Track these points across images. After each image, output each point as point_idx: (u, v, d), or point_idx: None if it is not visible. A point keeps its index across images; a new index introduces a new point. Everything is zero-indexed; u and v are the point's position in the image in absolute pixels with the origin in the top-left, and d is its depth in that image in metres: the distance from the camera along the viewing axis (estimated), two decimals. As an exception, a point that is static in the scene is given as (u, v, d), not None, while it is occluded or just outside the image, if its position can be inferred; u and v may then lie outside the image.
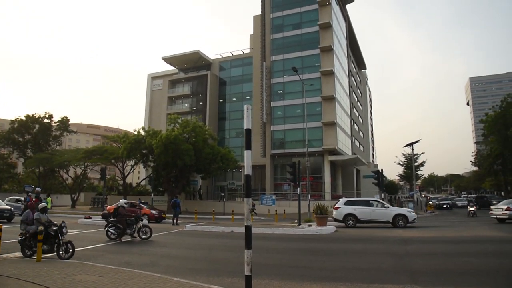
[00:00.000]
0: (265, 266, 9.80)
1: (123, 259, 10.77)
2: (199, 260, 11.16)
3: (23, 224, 11.42)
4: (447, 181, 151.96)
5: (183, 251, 13.14)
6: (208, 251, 13.12)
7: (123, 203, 16.38)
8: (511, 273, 8.66)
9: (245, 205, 5.47)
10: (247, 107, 5.54)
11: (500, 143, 57.39)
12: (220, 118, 58.12)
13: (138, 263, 10.25)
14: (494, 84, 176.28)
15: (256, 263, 9.86)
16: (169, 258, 11.41)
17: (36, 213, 11.24)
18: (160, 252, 12.61)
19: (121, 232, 15.34)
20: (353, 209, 22.29)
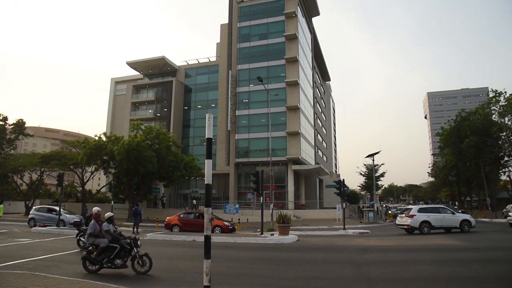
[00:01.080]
0: (227, 276, 9.72)
1: (79, 269, 10.33)
2: (159, 270, 10.86)
3: (91, 237, 10.29)
4: (406, 191, 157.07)
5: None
6: (169, 260, 12.85)
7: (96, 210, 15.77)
8: (462, 280, 9.01)
9: (205, 214, 5.41)
10: (208, 115, 5.52)
11: (454, 156, 60.13)
12: (185, 125, 57.57)
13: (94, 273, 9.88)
14: (449, 99, 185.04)
15: (217, 272, 9.77)
16: (128, 268, 11.06)
17: (105, 224, 10.35)
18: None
19: None
20: (427, 217, 22.92)
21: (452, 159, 62.22)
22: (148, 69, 59.99)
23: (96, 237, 10.17)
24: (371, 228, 29.09)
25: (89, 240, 10.26)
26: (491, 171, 56.02)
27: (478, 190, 67.21)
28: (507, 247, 15.48)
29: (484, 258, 12.48)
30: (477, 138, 51.93)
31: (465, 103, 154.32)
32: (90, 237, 10.27)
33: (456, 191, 74.70)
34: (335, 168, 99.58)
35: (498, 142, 53.43)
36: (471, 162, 56.49)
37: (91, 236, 10.25)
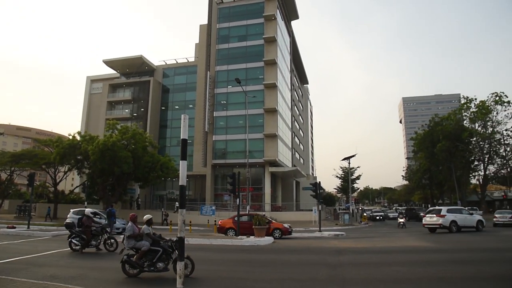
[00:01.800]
0: (202, 278, 9.65)
1: (49, 272, 10.08)
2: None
3: (130, 240, 9.95)
4: (381, 194, 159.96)
5: (115, 262, 12.51)
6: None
7: (89, 213, 15.36)
8: (432, 280, 9.24)
9: (179, 216, 5.37)
10: (184, 116, 5.49)
11: (427, 159, 61.62)
12: (162, 125, 57.02)
13: (64, 276, 9.64)
14: (424, 104, 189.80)
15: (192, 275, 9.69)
16: (99, 270, 10.87)
17: (145, 227, 9.98)
18: (91, 264, 11.97)
19: (85, 243, 14.45)
20: (454, 217, 24.33)
21: (425, 163, 63.74)
22: (125, 68, 59.15)
23: (136, 241, 9.90)
24: (347, 230, 29.48)
25: (129, 244, 9.93)
26: (462, 174, 57.66)
27: (449, 193, 69.02)
28: (473, 248, 15.94)
29: (453, 259, 12.83)
30: (449, 143, 53.36)
31: (438, 108, 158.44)
32: (129, 240, 9.96)
33: (429, 194, 76.54)
34: (312, 171, 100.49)
35: (469, 147, 55.11)
36: (443, 166, 57.98)
37: (130, 239, 9.95)
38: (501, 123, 52.60)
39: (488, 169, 55.27)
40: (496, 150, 54.21)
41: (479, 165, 57.29)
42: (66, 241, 15.35)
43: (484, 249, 15.76)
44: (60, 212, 42.68)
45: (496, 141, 53.36)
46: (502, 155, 54.20)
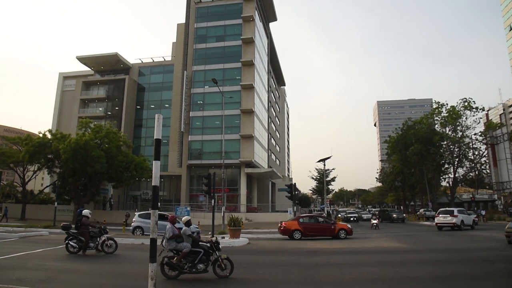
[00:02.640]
0: (173, 280, 9.53)
1: (15, 275, 9.72)
2: (103, 275, 10.50)
3: (171, 241, 9.77)
4: (355, 196, 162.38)
5: (86, 265, 12.24)
6: (115, 264, 12.40)
7: (88, 213, 14.76)
8: (403, 281, 9.45)
9: (151, 217, 5.27)
10: (158, 116, 5.41)
11: (400, 162, 62.98)
12: (137, 125, 56.13)
13: (32, 279, 9.31)
14: (397, 108, 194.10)
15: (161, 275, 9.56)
16: (69, 273, 10.57)
17: (186, 228, 9.87)
18: (60, 267, 11.61)
19: (83, 245, 14.00)
20: (462, 216, 28.84)
21: (398, 165, 65.11)
22: (99, 65, 57.95)
23: (177, 242, 9.76)
24: (321, 231, 29.65)
25: (171, 245, 9.77)
26: (433, 177, 59.21)
27: (421, 195, 70.72)
28: (442, 249, 16.39)
29: (423, 260, 13.16)
30: (421, 146, 54.69)
31: (411, 112, 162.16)
32: (170, 242, 9.79)
33: (401, 195, 78.25)
34: (287, 172, 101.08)
35: (440, 151, 56.61)
36: (416, 168, 59.37)
37: (172, 240, 9.78)
38: (470, 128, 54.28)
39: (457, 172, 56.88)
40: (465, 153, 55.87)
41: (449, 168, 58.90)
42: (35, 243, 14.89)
43: (451, 249, 16.23)
44: (29, 212, 41.39)
45: (465, 145, 55.00)
46: (470, 159, 55.92)
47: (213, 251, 9.77)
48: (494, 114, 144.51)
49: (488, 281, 9.44)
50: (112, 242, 14.70)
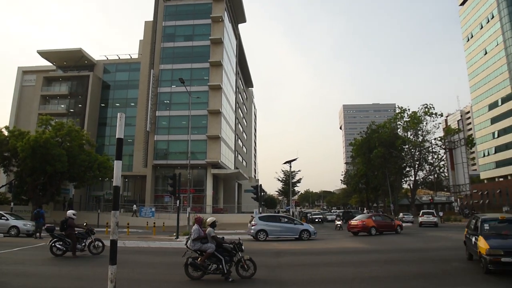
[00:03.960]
0: (137, 282, 9.41)
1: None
2: (62, 278, 10.14)
3: (196, 242, 9.73)
4: (321, 197, 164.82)
5: (45, 268, 11.79)
6: (75, 267, 11.99)
7: (72, 214, 14.20)
8: (364, 280, 9.71)
9: (111, 218, 5.15)
10: (120, 115, 5.31)
11: (364, 165, 64.60)
12: (101, 123, 54.60)
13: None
14: (362, 112, 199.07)
15: (127, 278, 9.41)
16: (25, 277, 10.12)
17: (210, 229, 9.79)
18: (15, 270, 11.09)
19: (72, 246, 13.52)
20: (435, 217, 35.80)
21: (362, 168, 66.74)
22: (62, 60, 55.97)
23: (202, 243, 9.74)
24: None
25: (196, 246, 9.76)
26: (395, 180, 61.14)
27: (383, 197, 72.79)
28: (402, 249, 16.93)
29: (383, 260, 13.55)
30: (384, 150, 56.36)
31: (375, 116, 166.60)
32: (196, 243, 9.76)
33: (365, 197, 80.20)
34: (254, 173, 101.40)
35: (402, 154, 58.53)
36: (379, 171, 61.08)
37: (197, 241, 9.76)
38: (430, 133, 56.54)
39: (418, 175, 59.00)
40: (425, 157, 58.07)
41: (410, 171, 61.01)
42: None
43: (412, 249, 16.78)
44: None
45: (425, 149, 57.15)
46: (430, 162, 58.18)
47: (236, 252, 9.81)
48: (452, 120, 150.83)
49: (444, 279, 9.83)
50: (99, 243, 14.44)
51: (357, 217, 29.31)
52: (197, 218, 10.60)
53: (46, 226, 14.78)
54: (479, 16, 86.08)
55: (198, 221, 10.32)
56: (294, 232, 23.01)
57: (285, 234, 22.98)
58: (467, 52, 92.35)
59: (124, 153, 51.22)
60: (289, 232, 23.04)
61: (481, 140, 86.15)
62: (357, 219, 27.17)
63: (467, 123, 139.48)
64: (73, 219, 14.14)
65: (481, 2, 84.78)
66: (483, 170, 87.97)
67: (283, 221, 23.90)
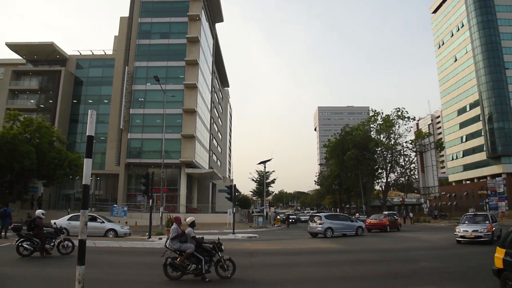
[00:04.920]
0: (107, 283, 9.27)
1: None
2: (27, 279, 9.86)
3: (175, 242, 9.61)
4: (295, 198, 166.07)
5: (10, 269, 11.37)
6: (42, 268, 11.67)
7: (40, 214, 13.73)
8: (334, 280, 9.87)
9: (80, 217, 5.03)
10: (91, 112, 5.20)
11: (338, 166, 65.58)
12: (73, 120, 53.20)
13: None
14: (337, 114, 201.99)
15: (96, 279, 9.25)
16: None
17: (190, 229, 9.78)
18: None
19: (41, 246, 13.10)
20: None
21: (336, 169, 67.71)
22: (33, 54, 54.20)
23: (182, 242, 9.64)
24: (260, 233, 30.13)
25: (175, 246, 9.63)
26: (368, 181, 62.31)
27: (356, 198, 74.06)
28: (372, 249, 17.29)
29: (354, 259, 13.80)
30: (358, 152, 57.35)
31: (350, 119, 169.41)
32: (174, 242, 9.64)
33: (338, 198, 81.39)
34: (228, 173, 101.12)
35: (374, 156, 59.69)
36: (352, 172, 62.12)
37: (175, 240, 9.65)
38: (402, 136, 57.92)
39: (389, 177, 60.34)
40: (397, 160, 59.42)
41: (382, 173, 62.33)
42: None
43: (381, 250, 17.15)
44: None
45: (397, 152, 58.48)
46: (401, 165, 59.56)
47: (216, 252, 9.78)
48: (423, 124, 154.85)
49: (411, 279, 10.10)
50: (69, 243, 14.13)
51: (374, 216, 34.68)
52: (176, 217, 10.62)
53: (12, 226, 14.30)
54: (450, 24, 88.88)
55: (177, 220, 10.39)
56: (352, 228, 26.08)
57: (346, 231, 25.70)
58: (438, 58, 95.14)
59: (97, 151, 50.45)
60: (349, 228, 25.96)
61: (450, 144, 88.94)
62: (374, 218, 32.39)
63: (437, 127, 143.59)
64: (42, 219, 13.80)
65: (452, 11, 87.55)
66: (452, 173, 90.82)
67: (343, 219, 27.31)
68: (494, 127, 72.08)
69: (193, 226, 10.06)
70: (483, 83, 74.14)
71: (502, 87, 72.48)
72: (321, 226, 24.66)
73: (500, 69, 73.13)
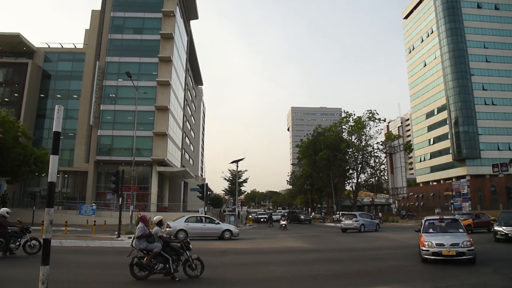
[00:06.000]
0: (73, 284, 9.02)
1: None
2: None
3: (142, 241, 9.35)
4: (267, 197, 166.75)
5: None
6: (4, 268, 11.17)
7: (5, 212, 13.10)
8: (305, 279, 9.90)
9: (45, 215, 4.82)
10: (58, 107, 5.00)
11: (310, 166, 66.23)
12: (40, 115, 51.49)
13: None
14: (310, 115, 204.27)
15: (62, 280, 8.96)
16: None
17: (157, 228, 9.52)
18: None
19: (4, 246, 12.56)
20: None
21: (308, 169, 68.35)
22: (-3, 45, 52.08)
23: (149, 242, 9.42)
24: (231, 232, 29.92)
25: (141, 245, 9.39)
26: (339, 181, 63.18)
27: (327, 198, 74.95)
28: (343, 248, 17.54)
29: (324, 259, 13.94)
30: (329, 152, 58.07)
31: (322, 120, 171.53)
32: (141, 241, 9.40)
33: (310, 198, 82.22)
34: (201, 172, 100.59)
35: (346, 157, 60.59)
36: (324, 173, 62.85)
37: (142, 239, 9.41)
38: (373, 137, 59.06)
39: (360, 178, 61.40)
40: (367, 161, 60.55)
41: (353, 174, 63.35)
42: None
43: (353, 249, 17.43)
44: None
45: (368, 153, 59.58)
46: (372, 166, 60.73)
47: (184, 251, 9.61)
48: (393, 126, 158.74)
49: (379, 277, 10.28)
50: (35, 242, 13.66)
51: None
52: (142, 216, 10.40)
53: None
54: (420, 30, 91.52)
55: (143, 219, 10.08)
56: (373, 225, 31.47)
57: (371, 227, 30.75)
58: (408, 63, 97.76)
59: (65, 147, 48.97)
60: (371, 225, 31.09)
61: (418, 146, 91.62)
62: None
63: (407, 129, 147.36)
64: (6, 218, 13.29)
65: (423, 17, 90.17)
66: (419, 174, 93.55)
67: (367, 216, 32.77)
68: (460, 131, 74.79)
69: (160, 225, 9.86)
70: (450, 88, 76.79)
71: (468, 93, 75.29)
72: (357, 223, 29.57)
73: (466, 75, 75.93)
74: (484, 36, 79.50)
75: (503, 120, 76.11)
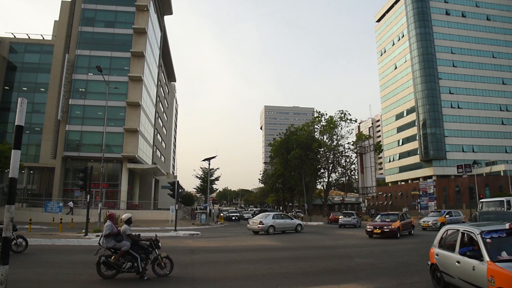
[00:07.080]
0: (37, 283, 8.74)
1: None
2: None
3: (109, 239, 9.21)
4: (239, 195, 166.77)
5: None
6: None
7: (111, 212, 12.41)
8: (275, 276, 9.96)
9: (5, 212, 4.61)
10: (21, 100, 4.80)
11: (282, 165, 66.63)
12: (3, 108, 49.50)
13: None
14: (283, 114, 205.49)
15: (25, 279, 8.69)
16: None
17: (126, 226, 9.37)
18: None
19: None
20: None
21: (280, 168, 68.77)
22: (-41, 35, 49.75)
23: (117, 241, 9.28)
24: (203, 230, 29.85)
25: (109, 243, 9.24)
26: (310, 180, 63.87)
27: (299, 197, 75.71)
28: (312, 246, 17.74)
29: (295, 256, 14.04)
30: (301, 151, 58.64)
31: (295, 119, 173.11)
32: (109, 240, 9.25)
33: (281, 196, 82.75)
34: (173, 170, 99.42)
35: (317, 156, 61.37)
36: (295, 171, 63.39)
37: (110, 238, 9.27)
38: (344, 138, 60.05)
39: (331, 177, 62.29)
40: (339, 160, 61.53)
41: (324, 173, 64.27)
42: None
43: (321, 247, 17.64)
44: None
45: (339, 153, 60.54)
46: (343, 165, 61.76)
47: (153, 249, 9.45)
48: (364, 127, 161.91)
49: (347, 274, 10.44)
50: (21, 240, 13.39)
51: None
52: (109, 214, 10.19)
53: None
54: (392, 33, 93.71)
55: (111, 217, 9.89)
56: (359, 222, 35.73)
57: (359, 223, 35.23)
58: (380, 65, 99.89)
59: (31, 142, 47.45)
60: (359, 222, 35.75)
61: (388, 147, 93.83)
62: None
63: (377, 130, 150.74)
64: None
65: (394, 21, 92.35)
66: (388, 174, 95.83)
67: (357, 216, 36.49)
68: (427, 132, 77.10)
69: (129, 223, 9.68)
70: (419, 91, 79.04)
71: (436, 96, 77.72)
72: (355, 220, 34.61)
73: (434, 79, 78.33)
74: (451, 42, 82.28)
75: (467, 123, 79.05)
